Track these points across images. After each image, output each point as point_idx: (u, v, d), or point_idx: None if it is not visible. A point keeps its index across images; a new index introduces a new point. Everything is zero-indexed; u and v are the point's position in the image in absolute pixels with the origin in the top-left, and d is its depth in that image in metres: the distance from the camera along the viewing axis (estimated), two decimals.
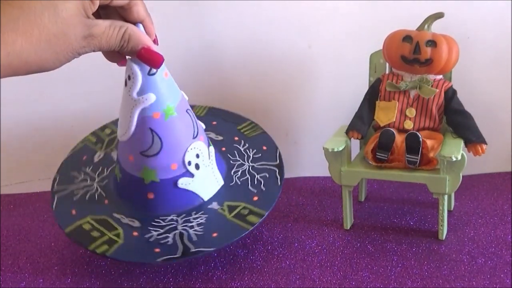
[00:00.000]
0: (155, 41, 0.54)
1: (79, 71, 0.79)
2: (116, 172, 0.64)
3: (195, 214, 0.61)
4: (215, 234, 0.58)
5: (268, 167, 0.67)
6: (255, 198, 0.63)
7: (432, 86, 0.64)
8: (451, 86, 0.65)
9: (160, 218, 0.60)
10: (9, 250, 0.68)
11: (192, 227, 0.59)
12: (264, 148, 0.69)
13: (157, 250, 0.56)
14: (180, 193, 0.61)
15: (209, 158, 0.62)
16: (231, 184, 0.64)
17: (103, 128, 0.75)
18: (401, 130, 0.66)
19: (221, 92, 0.85)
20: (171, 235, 0.58)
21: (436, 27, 0.65)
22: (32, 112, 0.84)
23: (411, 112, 0.65)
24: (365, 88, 0.70)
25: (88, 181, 0.66)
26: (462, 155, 0.60)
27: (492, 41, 0.78)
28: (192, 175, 0.60)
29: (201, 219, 0.60)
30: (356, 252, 0.62)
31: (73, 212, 0.62)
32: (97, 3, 0.45)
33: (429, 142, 0.62)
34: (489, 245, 0.62)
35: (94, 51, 0.46)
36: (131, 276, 0.60)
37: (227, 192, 0.64)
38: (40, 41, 0.41)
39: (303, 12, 0.79)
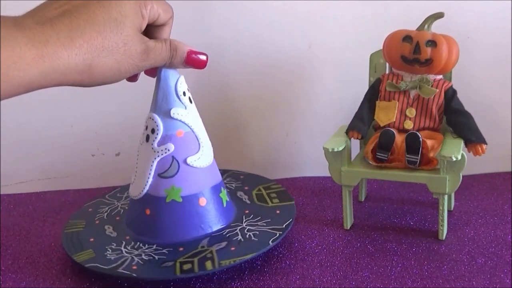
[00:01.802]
0: (205, 64, 0.57)
1: None
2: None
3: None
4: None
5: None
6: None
7: (432, 86, 0.64)
8: (451, 86, 0.65)
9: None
10: (9, 250, 0.68)
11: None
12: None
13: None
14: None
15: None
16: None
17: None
18: (401, 130, 0.66)
19: (221, 92, 0.85)
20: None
21: (436, 27, 0.65)
22: (32, 112, 0.84)
23: (411, 112, 0.65)
24: (365, 88, 0.70)
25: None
26: (462, 155, 0.60)
27: (492, 41, 0.78)
28: None
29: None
30: (356, 252, 0.62)
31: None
32: (146, 23, 0.49)
33: (429, 142, 0.62)
34: (489, 245, 0.62)
35: (150, 66, 0.50)
36: (131, 276, 0.60)
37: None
38: (103, 47, 0.44)
39: (303, 12, 0.80)
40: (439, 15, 0.65)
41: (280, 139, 0.86)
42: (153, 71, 0.59)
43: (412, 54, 0.63)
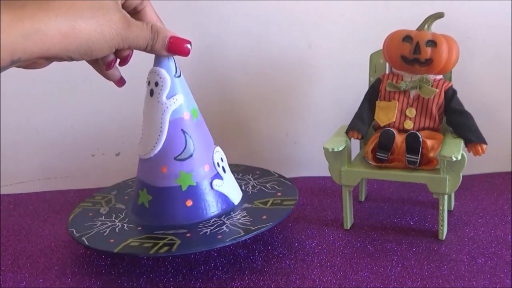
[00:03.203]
0: (189, 52, 0.56)
1: (79, 71, 0.79)
2: (142, 199, 0.63)
3: (234, 213, 0.63)
4: (264, 217, 0.61)
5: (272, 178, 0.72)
6: (279, 194, 0.67)
7: (432, 86, 0.64)
8: (451, 86, 0.65)
9: (204, 222, 0.61)
10: (9, 250, 0.68)
11: (238, 219, 0.61)
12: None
13: (220, 236, 0.57)
14: (216, 196, 0.62)
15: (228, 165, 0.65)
16: (249, 193, 0.68)
17: (92, 197, 0.74)
18: (401, 130, 0.66)
19: (221, 92, 0.85)
20: (224, 227, 0.59)
21: (436, 27, 0.65)
22: (32, 112, 0.84)
23: (411, 112, 0.65)
24: (365, 88, 0.70)
25: (109, 223, 0.64)
26: (462, 155, 0.60)
27: (492, 41, 0.78)
28: (221, 178, 0.63)
29: (243, 214, 0.62)
30: (356, 252, 0.62)
31: (111, 240, 0.60)
32: None
33: (429, 142, 0.62)
34: (489, 245, 0.62)
35: (134, 41, 0.49)
36: (131, 276, 0.60)
37: (251, 196, 0.67)
38: (83, 9, 0.44)
39: (303, 12, 0.80)
40: (439, 15, 0.65)
41: (280, 139, 0.86)
42: (118, 77, 0.59)
43: (412, 54, 0.63)
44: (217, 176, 0.62)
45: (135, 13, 0.52)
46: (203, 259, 0.63)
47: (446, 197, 0.63)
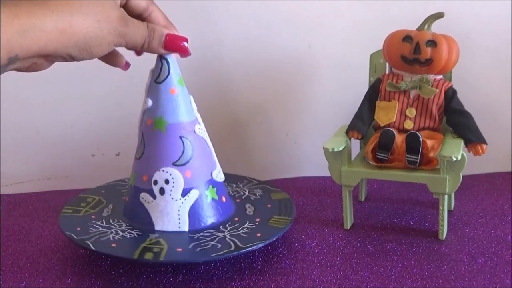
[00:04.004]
0: (186, 52, 0.56)
1: (79, 71, 0.79)
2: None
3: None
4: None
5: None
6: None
7: (432, 86, 0.64)
8: (451, 86, 0.65)
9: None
10: (9, 250, 0.68)
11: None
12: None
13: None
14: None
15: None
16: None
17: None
18: (401, 130, 0.66)
19: (221, 92, 0.85)
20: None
21: (436, 27, 0.65)
22: (32, 112, 0.84)
23: (411, 112, 0.65)
24: (365, 88, 0.70)
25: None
26: (462, 155, 0.60)
27: (492, 41, 0.78)
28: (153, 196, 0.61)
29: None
30: (356, 252, 0.62)
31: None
32: None
33: (429, 142, 0.62)
34: (489, 245, 0.62)
35: (132, 38, 0.49)
36: (131, 276, 0.60)
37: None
38: (80, 5, 0.43)
39: (303, 13, 0.80)
40: (439, 15, 0.65)
41: (280, 139, 0.86)
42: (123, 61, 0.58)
43: (412, 54, 0.63)
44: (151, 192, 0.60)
45: (141, 19, 0.52)
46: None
47: (446, 197, 0.63)
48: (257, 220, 0.63)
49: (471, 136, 0.63)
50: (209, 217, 0.62)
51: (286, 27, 0.81)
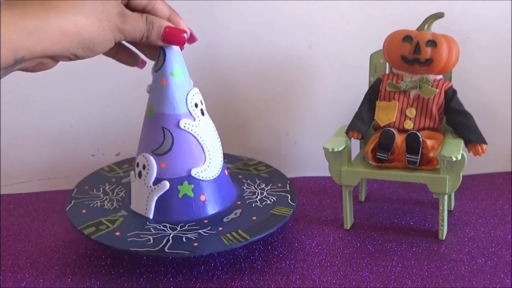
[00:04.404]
0: (193, 37, 0.57)
1: (79, 71, 0.79)
2: None
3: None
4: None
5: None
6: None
7: (432, 86, 0.64)
8: (451, 86, 0.65)
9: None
10: (9, 250, 0.68)
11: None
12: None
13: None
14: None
15: None
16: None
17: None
18: (401, 130, 0.66)
19: (221, 92, 0.85)
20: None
21: (436, 27, 0.65)
22: (32, 112, 0.84)
23: (411, 112, 0.65)
24: (365, 88, 0.70)
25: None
26: (462, 155, 0.60)
27: (492, 41, 0.78)
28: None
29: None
30: (356, 252, 0.62)
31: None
32: None
33: (429, 142, 0.62)
34: (489, 245, 0.62)
35: (130, 33, 0.50)
36: (131, 276, 0.60)
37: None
38: (84, 4, 0.44)
39: (303, 13, 0.80)
40: (439, 15, 0.65)
41: (280, 139, 0.86)
42: (137, 60, 0.59)
43: (412, 54, 0.63)
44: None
45: (144, 12, 0.53)
46: (203, 259, 0.63)
47: (446, 197, 0.63)
48: (220, 229, 0.60)
49: (471, 136, 0.63)
50: (176, 212, 0.61)
51: (286, 27, 0.81)
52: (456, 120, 0.64)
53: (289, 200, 0.66)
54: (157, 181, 0.61)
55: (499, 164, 0.83)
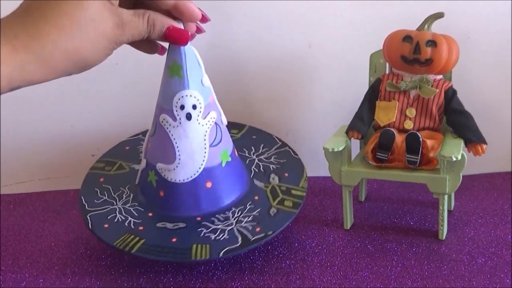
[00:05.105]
0: (204, 18, 0.55)
1: None
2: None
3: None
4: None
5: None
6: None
7: (432, 86, 0.64)
8: (451, 86, 0.65)
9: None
10: (9, 250, 0.68)
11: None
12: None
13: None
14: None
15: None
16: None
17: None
18: (401, 130, 0.66)
19: (221, 92, 0.84)
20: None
21: (436, 27, 0.65)
22: (32, 112, 0.84)
23: (411, 112, 0.65)
24: (365, 88, 0.70)
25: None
26: (462, 155, 0.60)
27: (492, 41, 0.78)
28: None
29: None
30: (356, 252, 0.62)
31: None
32: None
33: (429, 142, 0.62)
34: (489, 245, 0.62)
35: (129, 40, 0.48)
36: (131, 276, 0.60)
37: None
38: (72, 28, 0.43)
39: (303, 13, 0.79)
40: (439, 15, 0.65)
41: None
42: (155, 47, 0.57)
43: (412, 54, 0.63)
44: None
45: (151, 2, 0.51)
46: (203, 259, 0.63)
47: (446, 197, 0.63)
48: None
49: (471, 136, 0.63)
50: (144, 196, 0.65)
51: (286, 27, 0.80)
52: (456, 120, 0.64)
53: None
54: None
55: (499, 164, 0.82)
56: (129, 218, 0.63)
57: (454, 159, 0.59)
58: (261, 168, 0.68)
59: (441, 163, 0.61)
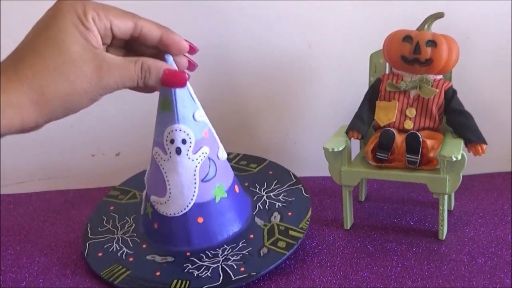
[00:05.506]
0: (193, 48, 0.52)
1: None
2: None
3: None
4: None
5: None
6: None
7: (432, 86, 0.64)
8: (451, 86, 0.65)
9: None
10: (9, 250, 0.68)
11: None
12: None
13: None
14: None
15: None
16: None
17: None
18: (401, 130, 0.66)
19: (221, 93, 0.85)
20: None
21: (436, 27, 0.65)
22: None
23: (411, 112, 0.65)
24: (365, 88, 0.70)
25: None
26: (462, 155, 0.60)
27: (492, 41, 0.78)
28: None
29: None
30: (356, 252, 0.62)
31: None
32: (96, 33, 0.44)
33: (429, 142, 0.62)
34: (489, 245, 0.62)
35: (118, 85, 0.46)
36: None
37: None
38: (49, 70, 0.41)
39: (303, 13, 0.80)
40: (439, 15, 0.65)
41: (280, 139, 0.86)
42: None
43: (412, 54, 0.63)
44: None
45: (134, 40, 0.49)
46: None
47: (446, 197, 0.63)
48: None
49: (471, 136, 0.63)
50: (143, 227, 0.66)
51: (286, 27, 0.80)
52: (456, 120, 0.64)
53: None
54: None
55: (499, 164, 0.82)
56: (123, 249, 0.63)
57: (454, 159, 0.59)
58: (266, 206, 0.67)
59: (441, 163, 0.61)
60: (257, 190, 0.70)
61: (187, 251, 0.61)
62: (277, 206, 0.67)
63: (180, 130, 0.57)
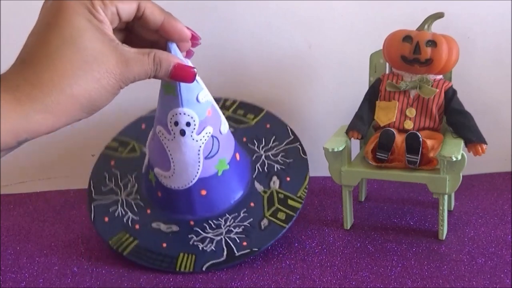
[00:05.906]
0: (194, 37, 0.53)
1: None
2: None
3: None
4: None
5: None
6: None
7: (432, 86, 0.64)
8: (451, 86, 0.65)
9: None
10: (9, 250, 0.68)
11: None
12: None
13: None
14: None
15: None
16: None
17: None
18: (401, 130, 0.66)
19: (221, 93, 0.85)
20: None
21: (436, 27, 0.65)
22: None
23: (411, 112, 0.65)
24: (365, 88, 0.70)
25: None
26: (462, 155, 0.60)
27: (492, 41, 0.78)
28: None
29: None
30: (356, 252, 0.62)
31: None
32: (108, 24, 0.44)
33: (429, 142, 0.62)
34: (489, 245, 0.62)
35: (135, 78, 0.46)
36: (131, 276, 0.60)
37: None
38: (73, 71, 0.41)
39: (303, 13, 0.80)
40: (439, 15, 0.65)
41: None
42: None
43: (412, 54, 0.63)
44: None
45: (137, 21, 0.49)
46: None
47: (446, 197, 0.63)
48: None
49: (471, 136, 0.63)
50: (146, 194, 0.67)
51: (286, 27, 0.81)
52: (456, 120, 0.64)
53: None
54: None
55: (499, 164, 0.82)
56: (128, 213, 0.65)
57: (454, 159, 0.59)
58: (265, 168, 0.68)
59: (441, 163, 0.61)
60: (256, 148, 0.70)
61: (190, 219, 0.63)
62: (275, 169, 0.67)
63: (185, 114, 0.58)
